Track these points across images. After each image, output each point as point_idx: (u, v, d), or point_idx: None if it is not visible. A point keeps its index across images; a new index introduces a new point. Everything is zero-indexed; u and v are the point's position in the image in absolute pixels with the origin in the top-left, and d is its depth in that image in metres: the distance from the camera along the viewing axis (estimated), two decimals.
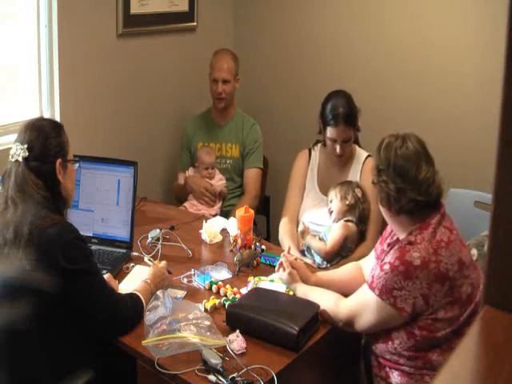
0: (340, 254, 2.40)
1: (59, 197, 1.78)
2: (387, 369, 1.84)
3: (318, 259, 2.41)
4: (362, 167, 2.58)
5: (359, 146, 2.68)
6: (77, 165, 1.91)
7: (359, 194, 2.39)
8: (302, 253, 2.48)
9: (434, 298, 1.71)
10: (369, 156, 2.59)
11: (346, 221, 2.41)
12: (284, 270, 2.01)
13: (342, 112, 2.47)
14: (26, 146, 1.73)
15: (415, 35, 3.06)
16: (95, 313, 1.73)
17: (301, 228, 2.46)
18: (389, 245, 1.91)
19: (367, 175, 2.49)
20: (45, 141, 1.76)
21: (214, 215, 2.97)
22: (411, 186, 1.75)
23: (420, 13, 3.03)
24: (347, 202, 2.41)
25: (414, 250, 1.72)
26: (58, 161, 1.77)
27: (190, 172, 3.16)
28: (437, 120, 3.01)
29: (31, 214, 1.66)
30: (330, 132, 2.52)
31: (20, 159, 1.72)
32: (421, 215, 1.78)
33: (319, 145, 2.70)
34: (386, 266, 1.74)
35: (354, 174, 2.58)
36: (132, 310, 1.83)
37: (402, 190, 1.75)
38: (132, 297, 1.85)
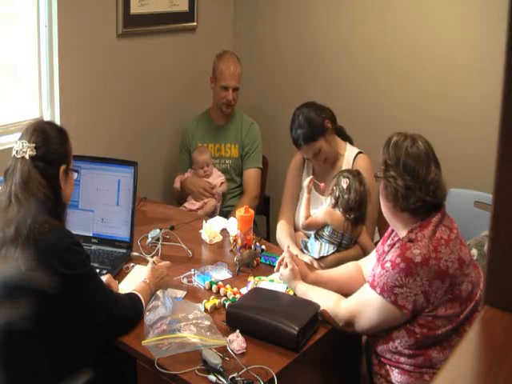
0: (334, 244, 2.41)
1: (59, 201, 1.78)
2: (387, 367, 1.85)
3: (315, 253, 2.42)
4: (353, 165, 2.61)
5: (350, 143, 2.72)
6: (76, 174, 1.90)
7: (344, 185, 2.38)
8: (301, 251, 2.48)
9: (435, 295, 1.72)
10: (359, 153, 2.64)
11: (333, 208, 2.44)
12: (285, 266, 2.01)
13: (300, 133, 2.56)
14: (33, 145, 1.73)
15: (416, 39, 3.05)
16: (94, 315, 1.73)
17: (307, 183, 2.49)
18: (389, 245, 1.91)
19: None
20: (52, 145, 1.76)
21: (213, 212, 2.98)
22: (420, 186, 1.77)
23: (421, 17, 3.02)
24: (333, 196, 2.43)
25: (415, 247, 1.73)
26: (63, 167, 1.77)
27: (189, 174, 3.17)
28: (437, 120, 3.01)
29: (32, 216, 1.65)
30: (300, 152, 2.67)
31: (27, 157, 1.72)
32: (423, 214, 1.79)
33: None
34: (387, 264, 1.75)
35: None
36: (132, 310, 1.83)
37: (410, 187, 1.77)
38: (131, 297, 1.86)
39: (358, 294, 1.85)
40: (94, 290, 1.75)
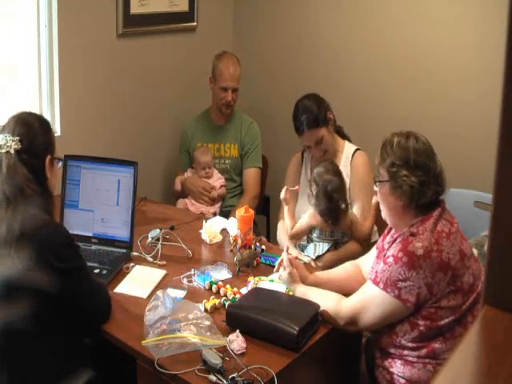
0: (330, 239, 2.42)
1: (46, 193, 1.79)
2: (390, 359, 1.86)
3: (311, 254, 2.42)
4: (352, 161, 2.61)
5: (348, 141, 2.72)
6: (60, 163, 1.92)
7: (313, 194, 2.40)
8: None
9: (438, 286, 1.73)
10: (357, 150, 2.65)
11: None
12: (284, 268, 2.01)
13: (303, 119, 2.55)
14: (17, 138, 1.72)
15: (416, 38, 3.05)
16: (86, 304, 1.78)
17: (283, 195, 2.49)
18: (389, 242, 1.92)
19: (357, 169, 2.59)
20: (36, 136, 1.77)
21: (214, 214, 2.97)
22: (433, 179, 1.80)
23: (421, 17, 3.02)
24: (310, 203, 2.44)
25: (417, 240, 1.74)
26: (48, 157, 1.78)
27: (189, 173, 3.16)
28: (437, 120, 3.01)
29: (22, 212, 1.65)
30: (301, 140, 2.63)
31: (12, 151, 1.71)
32: (427, 209, 1.81)
33: None
34: (390, 259, 1.76)
35: (344, 170, 2.60)
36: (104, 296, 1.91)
37: (425, 182, 1.79)
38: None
39: (361, 291, 1.85)
40: (87, 280, 1.80)
